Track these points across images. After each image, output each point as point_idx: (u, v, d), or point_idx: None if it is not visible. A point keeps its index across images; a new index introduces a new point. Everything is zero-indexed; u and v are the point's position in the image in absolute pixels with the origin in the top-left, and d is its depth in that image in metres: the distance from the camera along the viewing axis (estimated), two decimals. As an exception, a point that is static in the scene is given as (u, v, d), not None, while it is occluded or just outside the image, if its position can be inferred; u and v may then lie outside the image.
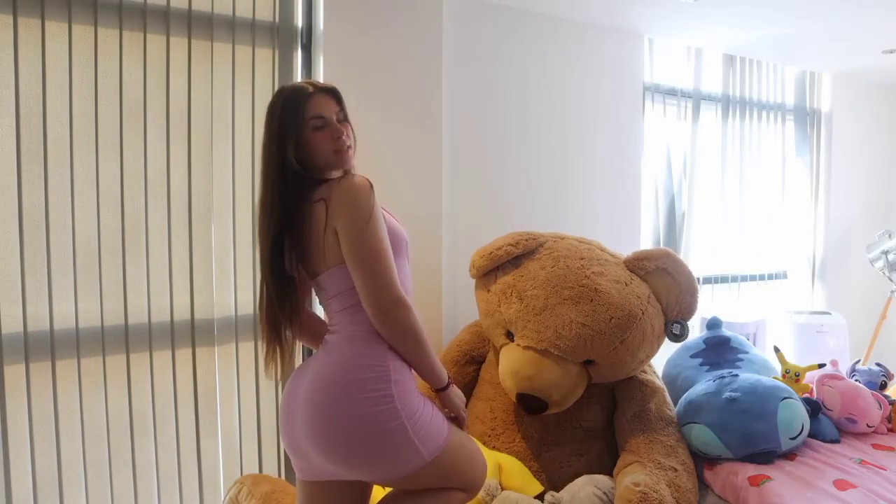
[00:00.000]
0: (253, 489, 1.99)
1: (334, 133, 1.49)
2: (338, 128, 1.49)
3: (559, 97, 2.99)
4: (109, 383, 2.09)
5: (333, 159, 1.50)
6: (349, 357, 1.43)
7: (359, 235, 1.39)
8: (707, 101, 3.58)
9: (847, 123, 4.11)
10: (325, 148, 1.48)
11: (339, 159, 1.50)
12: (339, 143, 1.49)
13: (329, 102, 1.51)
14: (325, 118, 1.48)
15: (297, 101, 1.47)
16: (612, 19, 2.99)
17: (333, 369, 1.42)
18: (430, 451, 1.42)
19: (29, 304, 1.96)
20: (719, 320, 2.67)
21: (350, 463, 1.39)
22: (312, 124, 1.47)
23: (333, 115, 1.50)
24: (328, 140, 1.48)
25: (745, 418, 2.03)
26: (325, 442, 1.39)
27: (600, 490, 1.90)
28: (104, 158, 2.06)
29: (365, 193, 1.42)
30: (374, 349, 1.43)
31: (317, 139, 1.48)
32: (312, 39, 2.39)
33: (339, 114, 1.53)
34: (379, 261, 1.40)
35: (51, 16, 1.95)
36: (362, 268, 1.39)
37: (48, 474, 2.01)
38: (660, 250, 2.15)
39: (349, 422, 1.37)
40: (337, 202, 1.42)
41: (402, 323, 1.41)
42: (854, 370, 2.62)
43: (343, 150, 1.50)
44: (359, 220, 1.40)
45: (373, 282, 1.39)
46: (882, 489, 1.86)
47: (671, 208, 3.50)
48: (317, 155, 1.49)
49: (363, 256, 1.39)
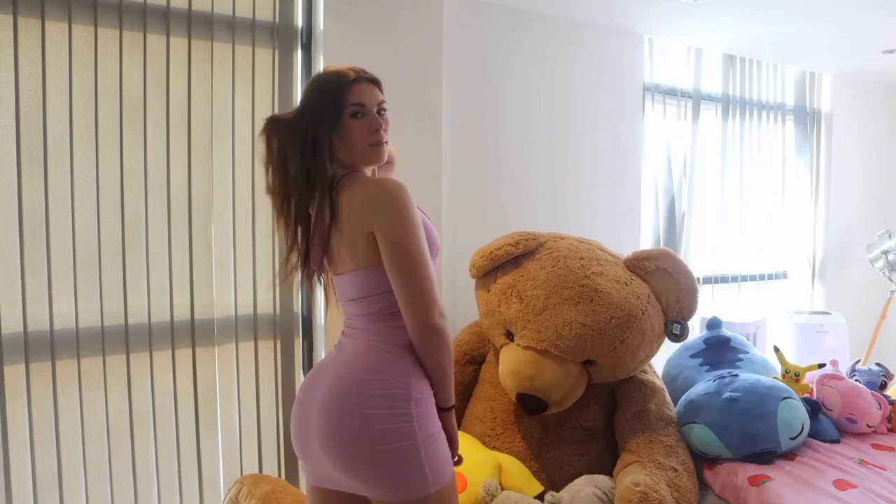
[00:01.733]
0: (253, 489, 1.99)
1: (373, 124, 1.40)
2: (377, 119, 1.41)
3: (559, 97, 2.99)
4: (109, 383, 2.09)
5: (368, 152, 1.41)
6: (373, 369, 1.36)
7: (404, 243, 1.32)
8: (707, 101, 3.58)
9: (847, 123, 4.11)
10: (361, 139, 1.40)
11: (374, 154, 1.42)
12: (376, 135, 1.40)
13: (372, 92, 1.42)
14: (366, 107, 1.40)
15: (338, 84, 1.39)
16: (612, 19, 2.99)
17: (355, 379, 1.36)
18: (435, 482, 1.33)
19: (29, 304, 1.96)
20: (719, 320, 2.67)
21: (362, 476, 1.33)
22: (351, 111, 1.38)
23: (375, 106, 1.42)
24: (365, 131, 1.40)
25: (745, 418, 2.03)
26: (341, 453, 1.33)
27: (600, 490, 1.90)
28: (104, 158, 2.06)
29: (409, 198, 1.34)
30: (399, 363, 1.36)
31: (354, 127, 1.39)
32: (312, 39, 2.39)
33: (382, 105, 1.44)
34: (424, 270, 1.33)
35: (51, 16, 1.95)
36: (407, 278, 1.32)
37: (48, 474, 2.01)
38: (660, 250, 2.15)
39: (365, 435, 1.31)
40: (378, 204, 1.33)
41: (444, 337, 1.35)
42: (854, 370, 2.62)
43: (380, 144, 1.41)
44: (405, 227, 1.32)
45: (418, 293, 1.32)
46: (882, 489, 1.86)
47: (671, 208, 3.50)
48: (351, 145, 1.40)
49: (408, 265, 1.32)
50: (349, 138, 1.39)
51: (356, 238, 1.36)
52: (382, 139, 1.42)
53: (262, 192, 2.31)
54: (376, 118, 1.41)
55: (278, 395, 2.38)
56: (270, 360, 2.37)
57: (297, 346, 2.41)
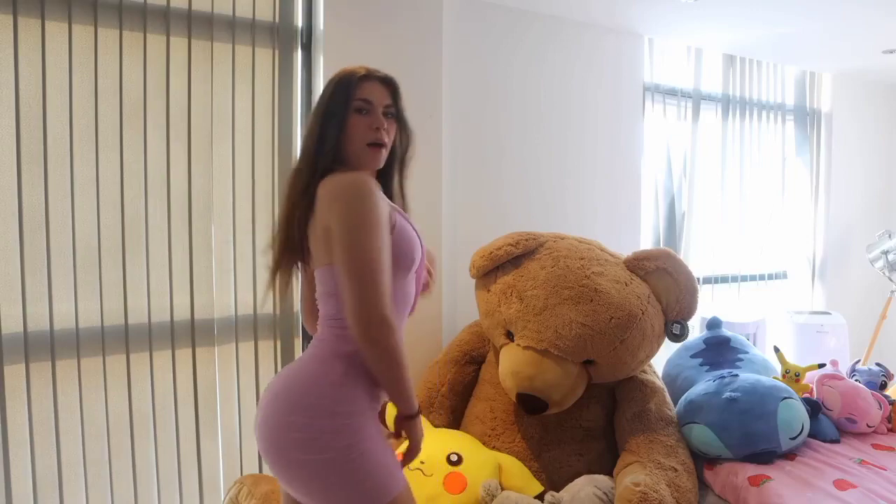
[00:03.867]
0: (253, 489, 1.99)
1: (374, 122, 1.38)
2: (380, 118, 1.39)
3: (559, 97, 2.99)
4: (109, 383, 2.09)
5: (365, 152, 1.38)
6: (297, 378, 1.32)
7: (348, 240, 1.25)
8: (707, 101, 3.58)
9: (847, 123, 4.11)
10: (359, 136, 1.37)
11: (371, 155, 1.39)
12: (375, 134, 1.38)
13: (381, 92, 1.41)
14: (372, 104, 1.39)
15: (349, 78, 1.39)
16: (612, 19, 2.99)
17: (284, 388, 1.31)
18: (373, 498, 1.25)
19: (29, 304, 1.96)
20: (719, 320, 2.67)
21: (290, 484, 1.29)
22: (355, 105, 1.37)
23: (381, 105, 1.40)
24: (365, 128, 1.38)
25: (745, 418, 2.03)
26: (267, 458, 1.31)
27: (600, 490, 1.90)
28: (104, 158, 2.06)
29: (359, 193, 1.27)
30: (326, 375, 1.30)
31: (354, 123, 1.37)
32: (312, 39, 2.39)
33: (389, 108, 1.42)
34: (368, 274, 1.23)
35: (51, 16, 1.95)
36: (349, 277, 1.24)
37: (48, 474, 2.01)
38: (660, 250, 2.15)
39: (282, 442, 1.27)
40: (329, 198, 1.29)
41: (382, 344, 1.24)
42: (854, 370, 2.62)
43: (378, 145, 1.38)
44: (349, 223, 1.25)
45: (358, 294, 1.23)
46: (882, 489, 1.86)
47: (671, 208, 3.50)
48: (349, 142, 1.38)
49: (350, 266, 1.24)
50: (349, 136, 1.37)
51: (318, 233, 1.33)
52: (382, 140, 1.39)
53: (262, 191, 2.32)
54: (379, 117, 1.39)
55: (278, 395, 2.38)
56: (270, 360, 2.37)
57: (297, 346, 2.41)
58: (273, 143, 2.34)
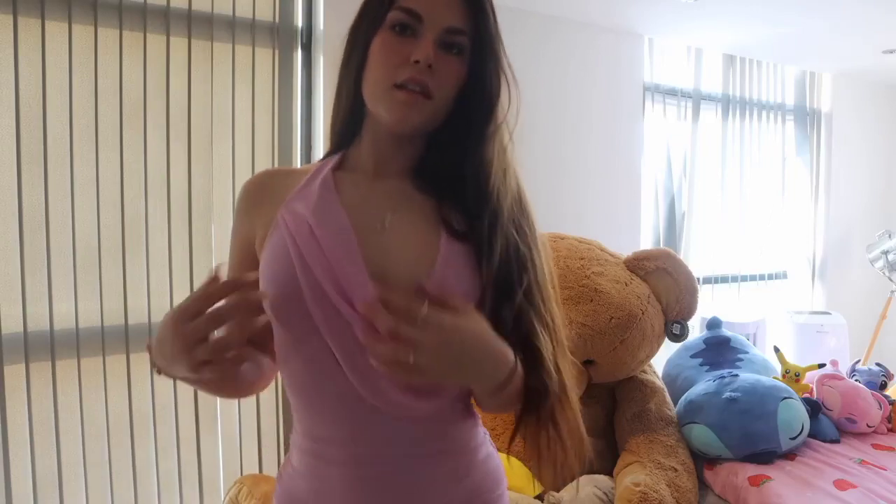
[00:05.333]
0: (253, 489, 1.99)
1: (414, 50, 0.80)
2: (427, 45, 0.80)
3: (559, 97, 2.99)
4: (109, 383, 2.09)
5: (385, 98, 0.82)
6: None
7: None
8: (707, 101, 3.58)
9: (847, 123, 4.10)
10: (381, 69, 0.82)
11: (397, 105, 0.81)
12: (410, 71, 0.80)
13: (454, 6, 0.82)
14: (422, 20, 0.81)
15: None
16: (612, 19, 2.99)
17: None
18: None
19: (29, 304, 1.95)
20: (719, 320, 2.66)
21: None
22: (393, 18, 0.81)
23: (439, 26, 0.81)
24: (395, 57, 0.81)
25: (745, 418, 2.03)
26: None
27: (600, 490, 1.90)
28: (104, 158, 2.05)
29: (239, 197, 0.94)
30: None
31: (378, 46, 0.82)
32: (312, 39, 2.39)
33: (457, 34, 0.82)
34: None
35: (51, 16, 1.95)
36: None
37: (48, 474, 2.00)
38: (660, 250, 2.15)
39: None
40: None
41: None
42: (854, 370, 2.62)
43: (411, 90, 0.80)
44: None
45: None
46: (882, 489, 1.86)
47: (671, 208, 3.49)
48: (368, 77, 0.84)
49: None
50: (369, 67, 0.84)
51: None
52: (419, 79, 0.80)
53: (262, 192, 2.32)
54: (427, 43, 0.80)
55: (278, 396, 2.38)
56: (270, 360, 2.37)
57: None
58: (273, 143, 2.33)
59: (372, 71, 0.83)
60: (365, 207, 0.87)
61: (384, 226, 0.85)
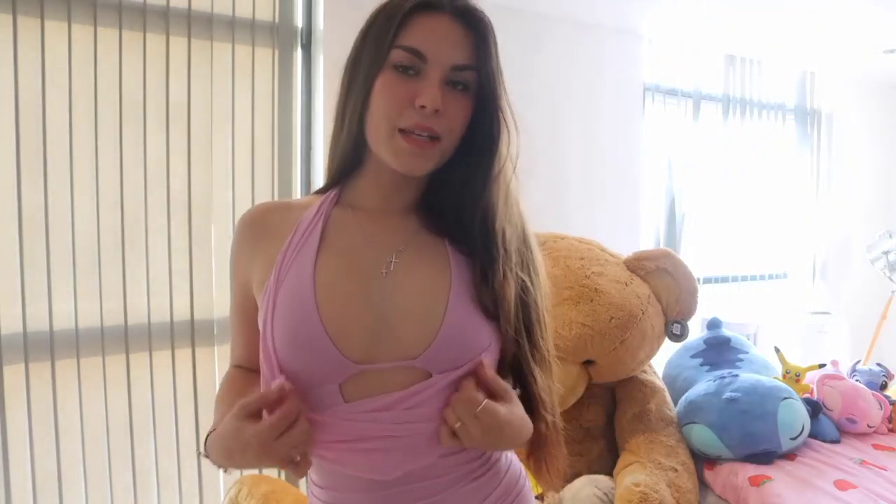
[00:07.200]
0: (253, 489, 1.99)
1: (419, 90, 0.77)
2: (434, 85, 0.77)
3: (558, 97, 2.99)
4: (109, 383, 2.09)
5: (389, 143, 0.79)
6: None
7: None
8: (707, 100, 3.57)
9: (848, 123, 4.10)
10: (385, 111, 0.78)
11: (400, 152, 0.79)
12: (415, 117, 0.77)
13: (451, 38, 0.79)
14: (425, 58, 0.78)
15: (398, 8, 0.81)
16: (612, 19, 2.99)
17: None
18: None
19: (28, 304, 1.95)
20: (719, 320, 2.66)
21: None
22: (396, 57, 0.78)
23: (445, 64, 0.78)
24: (398, 96, 0.78)
25: (746, 418, 2.03)
26: None
27: (600, 490, 1.90)
28: (104, 158, 2.05)
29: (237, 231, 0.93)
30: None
31: (381, 87, 0.79)
32: (312, 39, 2.39)
33: (463, 71, 0.79)
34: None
35: (50, 15, 1.95)
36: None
37: (48, 474, 2.00)
38: (660, 250, 2.15)
39: None
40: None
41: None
42: (854, 370, 2.62)
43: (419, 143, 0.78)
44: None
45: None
46: (882, 489, 1.86)
47: (671, 208, 3.49)
48: (371, 118, 0.81)
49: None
50: (371, 108, 0.80)
51: None
52: (426, 125, 0.77)
53: (262, 191, 2.32)
54: (433, 83, 0.77)
55: (278, 396, 2.38)
56: (270, 360, 2.37)
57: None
58: (273, 143, 2.33)
59: (375, 113, 0.80)
60: (368, 249, 0.85)
61: (390, 269, 0.84)
